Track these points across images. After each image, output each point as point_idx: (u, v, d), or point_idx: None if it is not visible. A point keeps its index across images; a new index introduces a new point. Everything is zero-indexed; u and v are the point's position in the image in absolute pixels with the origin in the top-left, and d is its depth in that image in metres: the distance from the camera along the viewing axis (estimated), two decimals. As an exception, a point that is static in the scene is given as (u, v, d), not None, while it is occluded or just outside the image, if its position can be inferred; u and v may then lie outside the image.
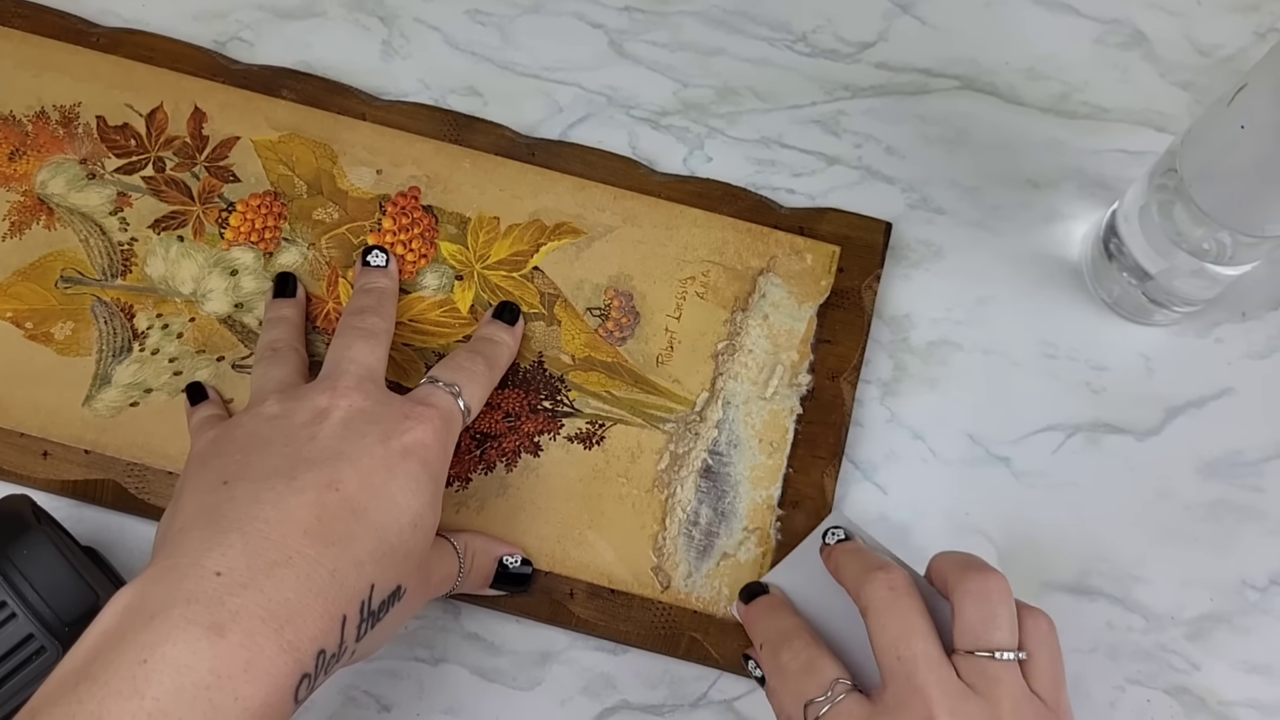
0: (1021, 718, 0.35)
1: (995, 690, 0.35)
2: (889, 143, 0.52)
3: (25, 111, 0.49)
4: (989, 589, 0.36)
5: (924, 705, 0.35)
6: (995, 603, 0.36)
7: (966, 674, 0.35)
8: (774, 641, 0.39)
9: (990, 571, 0.37)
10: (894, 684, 0.35)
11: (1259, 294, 0.50)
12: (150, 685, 0.30)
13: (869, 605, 0.37)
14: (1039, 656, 0.36)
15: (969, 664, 0.36)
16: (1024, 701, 0.35)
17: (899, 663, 0.35)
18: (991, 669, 0.35)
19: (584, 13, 0.53)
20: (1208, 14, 0.54)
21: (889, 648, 0.36)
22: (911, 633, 0.36)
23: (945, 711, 0.34)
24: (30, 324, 0.47)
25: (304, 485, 0.35)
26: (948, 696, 0.35)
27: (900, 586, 0.37)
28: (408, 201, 0.48)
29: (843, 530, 0.42)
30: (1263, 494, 0.48)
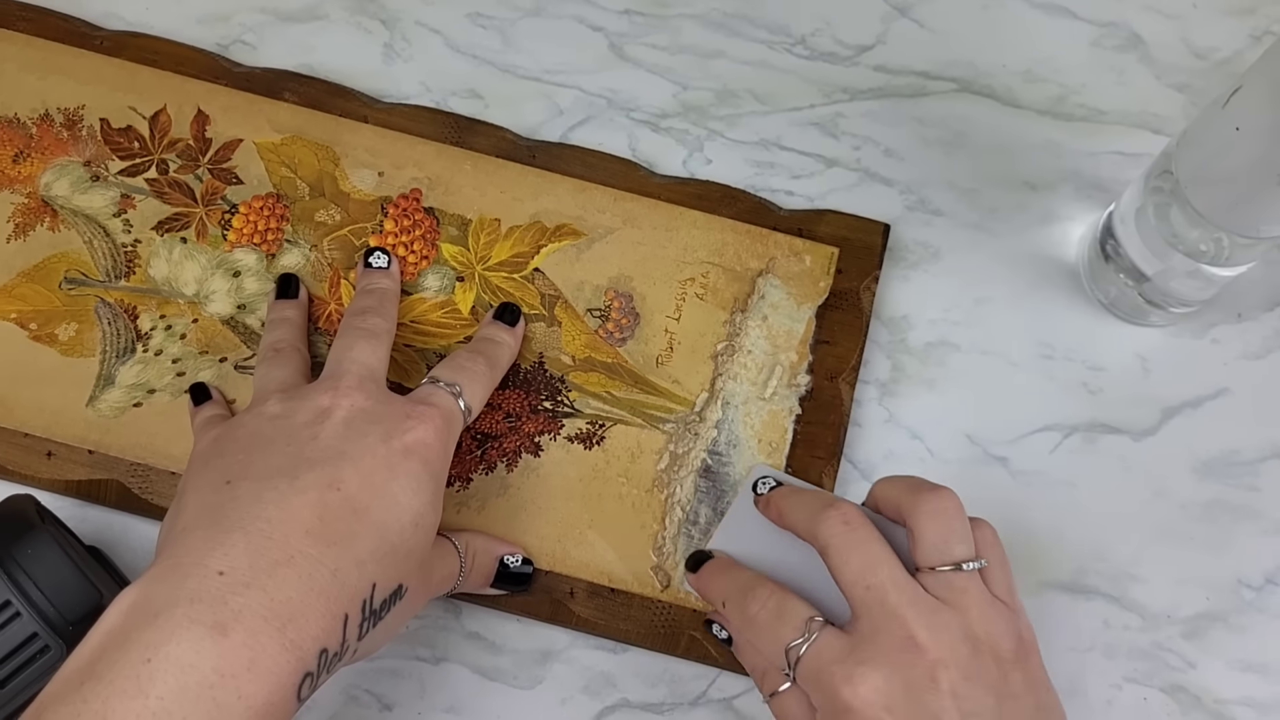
0: (989, 620, 0.36)
1: (963, 599, 0.36)
2: (887, 145, 0.52)
3: (30, 114, 0.49)
4: (945, 506, 0.37)
5: (901, 625, 0.35)
6: (952, 517, 0.37)
7: (933, 589, 0.36)
8: (737, 596, 0.39)
9: (941, 489, 0.38)
10: (867, 613, 0.36)
11: (1255, 295, 0.50)
12: (154, 684, 0.30)
13: (828, 543, 0.37)
14: (993, 563, 0.38)
15: (934, 579, 0.37)
16: (989, 606, 0.36)
17: (868, 591, 0.36)
18: (958, 580, 0.36)
19: (584, 16, 0.53)
20: (1203, 17, 0.54)
21: (856, 579, 0.36)
22: (875, 561, 0.37)
23: (922, 627, 0.35)
24: (34, 325, 0.47)
25: (306, 485, 0.36)
26: (922, 613, 0.36)
27: (854, 519, 0.38)
28: (409, 203, 0.49)
29: (771, 478, 0.42)
30: (1258, 493, 0.48)
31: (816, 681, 0.36)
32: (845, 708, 0.35)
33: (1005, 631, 0.36)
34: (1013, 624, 0.37)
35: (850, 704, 0.35)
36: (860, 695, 0.35)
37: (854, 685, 0.35)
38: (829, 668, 0.36)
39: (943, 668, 0.35)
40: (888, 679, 0.35)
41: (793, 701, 0.38)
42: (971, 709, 0.34)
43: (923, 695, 0.34)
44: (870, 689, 0.35)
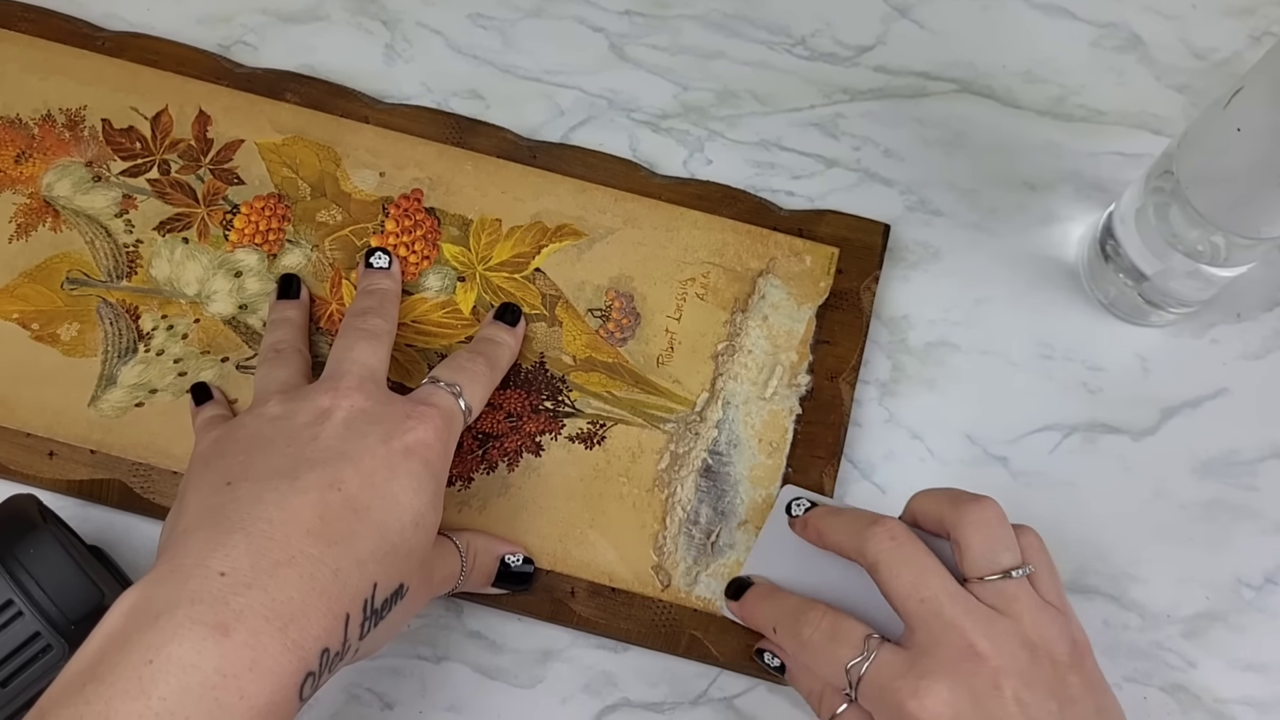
0: (1042, 625, 0.37)
1: (1015, 606, 0.37)
2: (887, 145, 0.52)
3: (31, 115, 0.49)
4: (989, 516, 0.38)
5: (959, 635, 0.36)
6: (996, 526, 0.38)
7: (985, 598, 0.37)
8: (788, 621, 0.40)
9: (983, 499, 0.38)
10: (923, 626, 0.36)
11: (1254, 295, 0.50)
12: (157, 685, 0.30)
13: (878, 559, 0.38)
14: (1040, 568, 0.38)
15: (984, 589, 0.37)
16: (1041, 610, 0.37)
17: (923, 604, 0.37)
18: (1009, 588, 0.37)
19: (585, 17, 0.53)
20: (1203, 17, 0.54)
21: (909, 593, 0.37)
22: (926, 574, 0.37)
23: (980, 636, 0.36)
24: (36, 325, 0.47)
25: (306, 485, 0.36)
26: (978, 623, 0.36)
27: (900, 534, 0.38)
28: (410, 204, 0.49)
29: (805, 499, 0.43)
30: (1258, 493, 0.48)
31: (880, 699, 0.36)
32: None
33: (1059, 635, 0.37)
34: (1066, 628, 0.37)
35: (918, 716, 0.35)
36: (928, 708, 0.35)
37: (920, 699, 0.35)
38: (892, 684, 0.36)
39: (1004, 675, 0.35)
40: (952, 690, 0.35)
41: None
42: (1035, 715, 0.35)
43: (988, 704, 0.35)
44: (937, 701, 0.35)
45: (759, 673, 0.45)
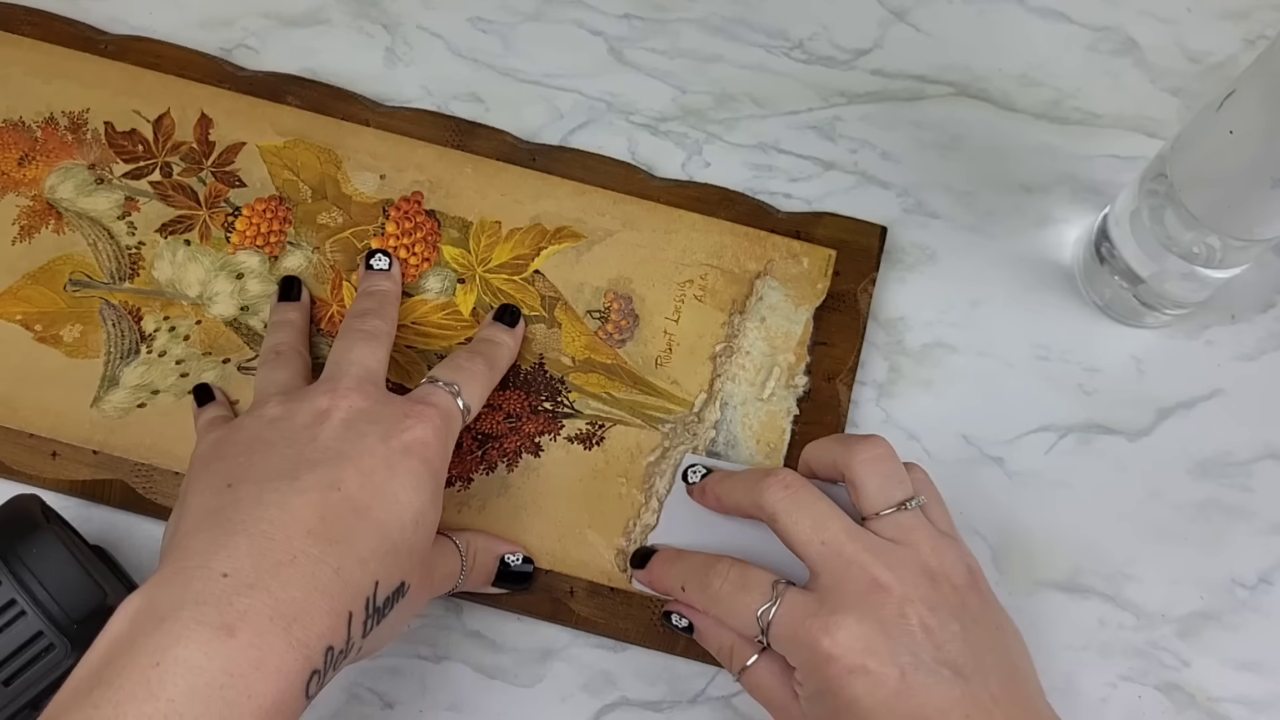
0: (940, 552, 0.38)
1: (912, 536, 0.38)
2: (884, 148, 0.52)
3: (35, 117, 0.49)
4: (880, 452, 0.39)
5: (862, 570, 0.37)
6: (888, 462, 0.39)
7: (883, 532, 0.38)
8: (696, 576, 0.41)
9: (873, 437, 0.39)
10: (826, 566, 0.37)
11: (1248, 297, 0.51)
12: (165, 687, 0.31)
13: (775, 509, 0.39)
14: (931, 500, 0.40)
15: (882, 523, 0.38)
16: (937, 539, 0.38)
17: (824, 546, 0.37)
18: (905, 520, 0.38)
19: (584, 20, 0.54)
20: (1198, 21, 0.54)
21: (809, 539, 0.38)
22: (824, 517, 0.38)
23: (883, 568, 0.37)
24: (39, 326, 0.47)
25: (306, 485, 0.36)
26: (879, 556, 0.37)
27: (794, 483, 0.39)
28: (410, 206, 0.49)
29: (700, 465, 0.44)
30: (1252, 494, 0.48)
31: (794, 639, 0.37)
32: (827, 657, 0.36)
33: (956, 561, 0.38)
34: (961, 554, 0.39)
35: (831, 652, 0.36)
36: (840, 642, 0.36)
37: (832, 634, 0.36)
38: (804, 623, 0.37)
39: (909, 603, 0.36)
40: (861, 621, 0.36)
41: (764, 672, 0.39)
42: (942, 639, 0.36)
43: (896, 631, 0.36)
44: (848, 635, 0.36)
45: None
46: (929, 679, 0.35)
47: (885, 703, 0.35)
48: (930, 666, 0.36)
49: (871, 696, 0.35)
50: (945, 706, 0.35)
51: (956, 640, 0.36)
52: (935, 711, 0.35)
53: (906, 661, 0.35)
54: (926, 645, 0.36)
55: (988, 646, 0.37)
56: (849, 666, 0.36)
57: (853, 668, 0.35)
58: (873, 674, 0.35)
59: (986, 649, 0.37)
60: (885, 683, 0.35)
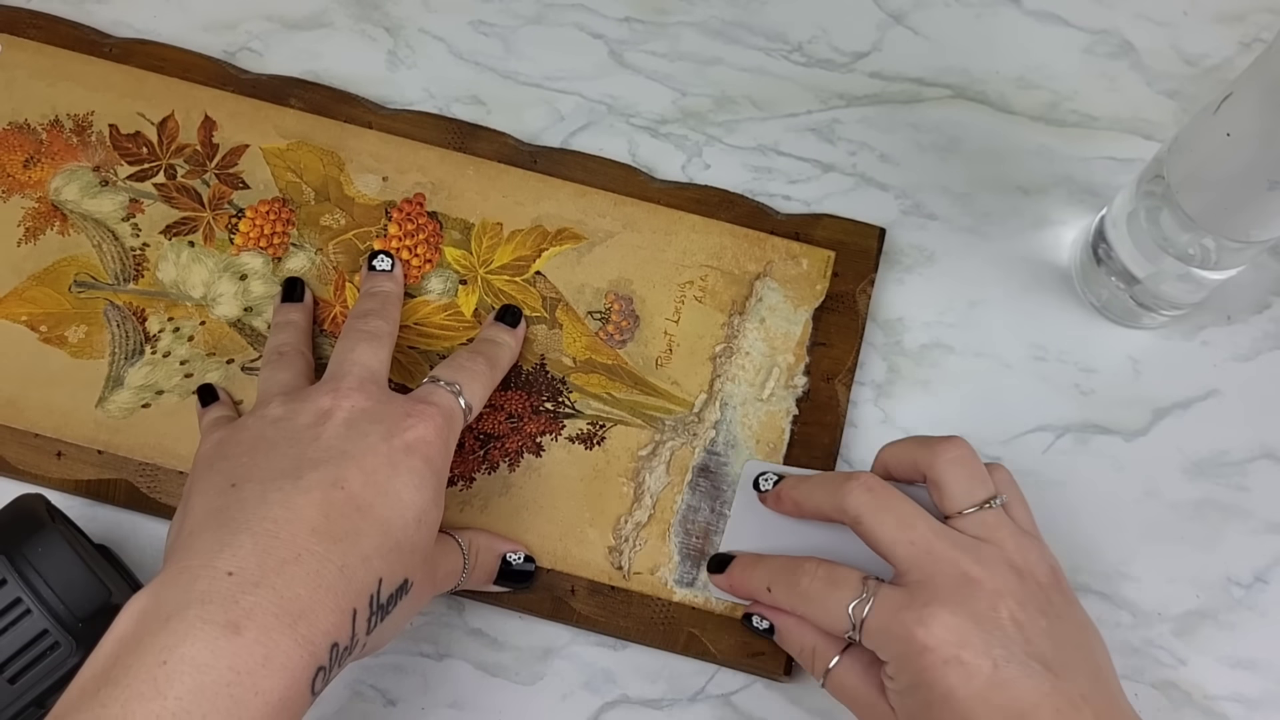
0: (1023, 549, 0.38)
1: (997, 534, 0.38)
2: (883, 150, 0.53)
3: (40, 120, 0.50)
4: (962, 453, 0.40)
5: (952, 566, 0.37)
6: (970, 462, 0.39)
7: (967, 530, 0.38)
8: (783, 576, 0.41)
9: (953, 438, 0.40)
10: (915, 565, 0.38)
11: (1244, 298, 0.51)
12: (172, 685, 0.31)
13: (859, 513, 0.39)
14: (1013, 499, 0.40)
15: (966, 522, 0.39)
16: (1021, 536, 0.39)
17: (912, 546, 0.38)
18: (989, 518, 0.39)
19: (585, 23, 0.54)
20: (1194, 24, 0.55)
21: (896, 539, 0.38)
22: (909, 517, 0.38)
23: (972, 564, 0.37)
24: (45, 327, 0.48)
25: (310, 485, 0.36)
26: (967, 552, 0.38)
27: (876, 486, 0.39)
28: (413, 208, 0.50)
29: (770, 472, 0.44)
30: (1247, 493, 0.49)
31: (887, 633, 0.37)
32: (922, 648, 0.36)
33: (1040, 559, 0.39)
34: (1043, 553, 0.39)
35: (926, 643, 0.36)
36: (935, 634, 0.36)
37: (928, 626, 0.36)
38: (898, 616, 0.37)
39: (999, 597, 0.37)
40: (955, 614, 0.36)
41: (849, 671, 0.40)
42: (1031, 633, 0.37)
43: (989, 625, 0.36)
44: (942, 627, 0.36)
45: (749, 663, 0.45)
46: (1020, 672, 0.36)
47: (979, 694, 0.36)
48: (1021, 660, 0.36)
49: (966, 688, 0.36)
50: (1037, 700, 0.36)
51: (1045, 636, 0.37)
52: (1028, 705, 0.35)
53: (999, 654, 0.36)
54: (1018, 639, 0.36)
55: (1074, 643, 0.38)
56: (944, 658, 0.36)
57: (947, 659, 0.36)
58: (967, 665, 0.36)
59: (1073, 646, 0.37)
60: (979, 674, 0.36)
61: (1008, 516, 0.39)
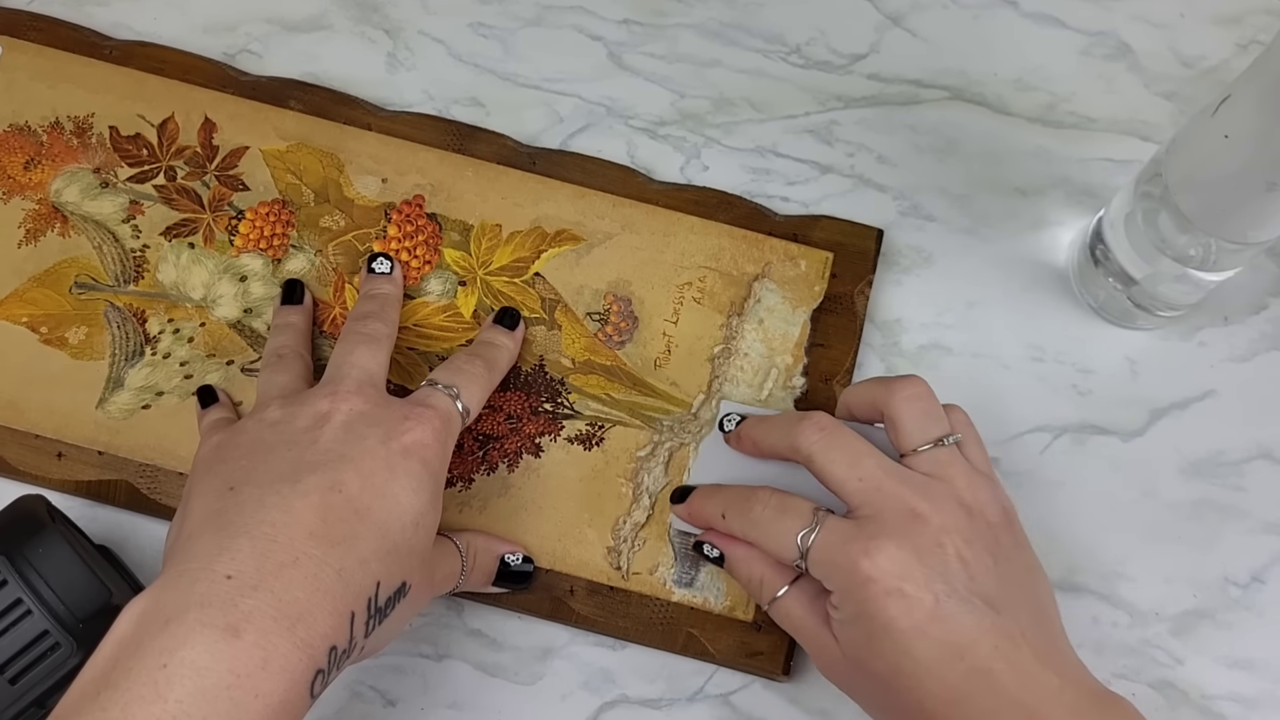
0: (975, 487, 0.39)
1: (948, 471, 0.39)
2: (881, 152, 0.53)
3: (40, 122, 0.50)
4: (919, 391, 0.40)
5: (900, 501, 0.38)
6: (926, 400, 0.40)
7: (919, 468, 0.39)
8: (737, 503, 0.41)
9: (913, 377, 0.40)
10: (864, 500, 0.38)
11: (1241, 299, 0.51)
12: (172, 688, 0.31)
13: (810, 451, 0.39)
14: (968, 439, 0.41)
15: (919, 459, 0.39)
16: (973, 475, 0.39)
17: (861, 482, 0.38)
18: (941, 455, 0.39)
19: (584, 26, 0.54)
20: (1191, 26, 0.55)
21: (846, 477, 0.39)
22: (860, 455, 0.39)
23: (920, 500, 0.38)
24: (45, 329, 0.48)
25: (308, 488, 0.36)
26: (916, 489, 0.38)
27: (828, 424, 0.40)
28: (412, 209, 0.50)
29: (735, 413, 0.45)
30: (1244, 493, 0.49)
31: (832, 563, 0.38)
32: (866, 579, 0.37)
33: (991, 499, 0.39)
34: (996, 493, 0.39)
35: (870, 574, 0.37)
36: (879, 565, 0.37)
37: (871, 557, 0.37)
38: (844, 547, 0.37)
39: (945, 533, 0.37)
40: (900, 547, 0.37)
41: (795, 601, 0.40)
42: (975, 570, 0.37)
43: (932, 559, 0.37)
44: (887, 558, 0.37)
45: (748, 663, 0.45)
46: (961, 607, 0.36)
47: (919, 626, 0.36)
48: (963, 595, 0.36)
49: (906, 619, 0.36)
50: (976, 635, 0.36)
51: (989, 574, 0.37)
52: (966, 639, 0.36)
53: (941, 589, 0.36)
54: (961, 575, 0.37)
55: (1019, 584, 0.38)
56: (886, 589, 0.36)
57: (889, 590, 0.36)
58: (909, 598, 0.36)
59: (1017, 586, 0.38)
60: (920, 607, 0.36)
61: (961, 455, 0.39)
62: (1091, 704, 0.37)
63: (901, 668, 0.36)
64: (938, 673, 0.36)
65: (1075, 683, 0.37)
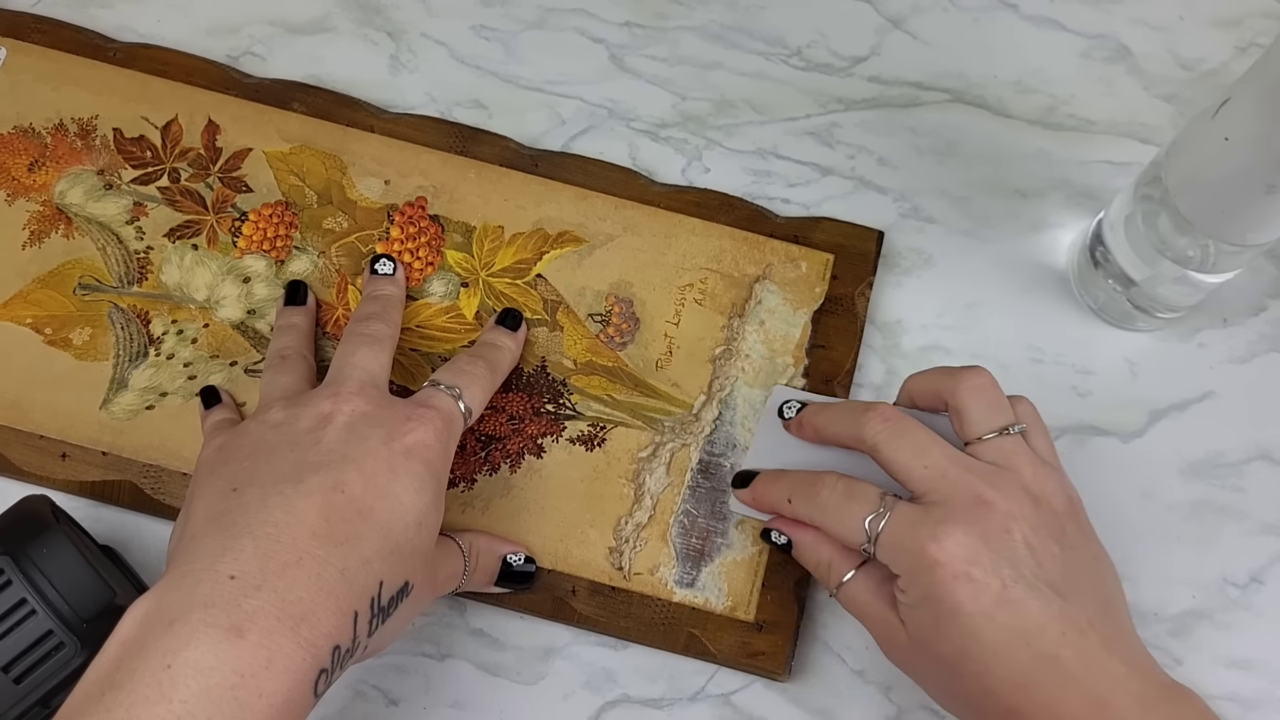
0: (1041, 478, 0.39)
1: (1015, 460, 0.39)
2: (881, 154, 0.53)
3: (44, 124, 0.50)
4: (984, 381, 0.40)
5: (967, 488, 0.38)
6: (991, 389, 0.40)
7: (985, 456, 0.39)
8: (804, 488, 0.42)
9: (977, 368, 0.40)
10: (931, 488, 0.38)
11: (1240, 300, 0.51)
12: (177, 689, 0.31)
13: (876, 440, 0.40)
14: (1034, 429, 0.41)
15: (984, 448, 0.39)
16: (1039, 465, 0.39)
17: (927, 470, 0.38)
18: (1006, 445, 0.39)
19: (585, 28, 0.54)
20: (1190, 29, 0.55)
21: (912, 465, 0.39)
22: (925, 444, 0.39)
23: (987, 487, 0.38)
24: (49, 330, 0.48)
25: (310, 489, 0.36)
26: (983, 477, 0.38)
27: (893, 415, 0.40)
28: (415, 211, 0.50)
29: (795, 400, 0.45)
30: (1243, 494, 0.49)
31: (900, 547, 0.38)
32: (933, 563, 0.37)
33: (1057, 489, 0.39)
34: (1062, 483, 0.40)
35: (938, 559, 0.37)
36: (947, 550, 0.37)
37: (940, 542, 0.37)
38: (912, 531, 0.38)
39: (1012, 520, 0.37)
40: (967, 533, 0.37)
41: (862, 586, 0.40)
42: (1042, 557, 0.37)
43: (1000, 545, 0.37)
44: (955, 543, 0.37)
45: (749, 663, 0.45)
46: (1029, 593, 0.36)
47: (985, 611, 0.36)
48: (1030, 581, 0.37)
49: (974, 603, 0.36)
50: (1044, 622, 0.36)
51: (1056, 561, 0.37)
52: (1034, 625, 0.36)
53: (1008, 574, 0.37)
54: (1028, 561, 0.37)
55: (1085, 573, 0.38)
56: (954, 573, 0.37)
57: (957, 574, 0.36)
58: (976, 582, 0.36)
59: (1084, 574, 0.38)
60: (987, 591, 0.36)
61: (1026, 444, 0.40)
62: (1159, 694, 0.37)
63: (968, 651, 0.37)
64: (1004, 657, 0.36)
65: (1142, 672, 0.37)
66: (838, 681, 0.46)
